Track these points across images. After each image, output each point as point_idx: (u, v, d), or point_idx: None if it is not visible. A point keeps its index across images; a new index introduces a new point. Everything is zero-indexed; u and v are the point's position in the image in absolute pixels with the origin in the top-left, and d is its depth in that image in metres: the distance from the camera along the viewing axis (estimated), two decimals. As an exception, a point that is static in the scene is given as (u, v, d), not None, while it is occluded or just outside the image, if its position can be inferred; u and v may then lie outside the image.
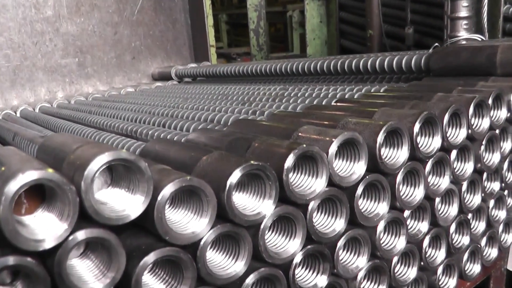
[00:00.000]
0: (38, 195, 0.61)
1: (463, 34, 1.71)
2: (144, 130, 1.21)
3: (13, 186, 0.50)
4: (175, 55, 3.20)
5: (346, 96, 1.38)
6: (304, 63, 1.83)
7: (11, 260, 0.52)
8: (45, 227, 0.55)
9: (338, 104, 1.15)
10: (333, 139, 0.76)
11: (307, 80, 1.90)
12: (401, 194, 0.90)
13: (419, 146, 0.91)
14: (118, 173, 0.63)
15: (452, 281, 1.14)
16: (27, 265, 0.52)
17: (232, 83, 2.22)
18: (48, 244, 0.52)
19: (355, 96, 1.35)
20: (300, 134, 0.83)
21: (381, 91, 1.37)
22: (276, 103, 1.39)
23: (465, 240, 1.12)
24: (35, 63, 2.69)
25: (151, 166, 0.68)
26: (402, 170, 0.88)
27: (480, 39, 1.67)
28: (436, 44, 1.65)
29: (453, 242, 1.09)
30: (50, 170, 0.52)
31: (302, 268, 0.80)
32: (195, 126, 1.18)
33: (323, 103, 1.32)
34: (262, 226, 0.69)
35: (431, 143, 0.93)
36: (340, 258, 0.84)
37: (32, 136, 1.08)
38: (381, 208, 0.86)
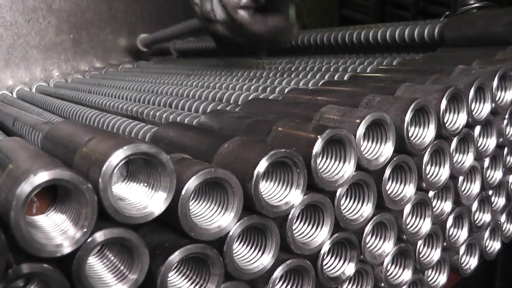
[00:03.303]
0: (49, 191, 0.56)
1: (474, 1, 1.65)
2: (151, 112, 1.15)
3: (25, 189, 0.45)
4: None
5: (358, 70, 1.32)
6: (310, 35, 1.76)
7: (26, 268, 0.47)
8: (60, 229, 0.50)
9: (354, 80, 1.10)
10: (361, 120, 0.71)
11: (312, 53, 1.84)
12: (428, 174, 0.86)
13: (446, 123, 0.86)
14: (135, 165, 0.58)
15: (474, 260, 1.11)
16: (44, 272, 0.48)
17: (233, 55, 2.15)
18: (66, 249, 0.48)
19: (368, 70, 1.29)
20: (323, 115, 0.77)
21: (394, 63, 1.31)
22: (285, 79, 1.33)
23: (487, 217, 1.09)
24: (28, 41, 2.61)
25: (169, 155, 0.63)
26: (428, 149, 0.83)
27: (492, 6, 1.60)
28: (448, 12, 1.59)
29: (475, 220, 1.06)
30: (63, 169, 0.47)
31: (329, 256, 0.76)
32: (204, 106, 1.12)
33: (336, 77, 1.26)
34: (290, 216, 0.65)
35: (457, 120, 0.89)
36: (367, 244, 0.80)
37: (34, 122, 1.02)
38: (408, 190, 0.82)
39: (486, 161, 1.04)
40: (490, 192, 1.11)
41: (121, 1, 2.89)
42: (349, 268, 0.77)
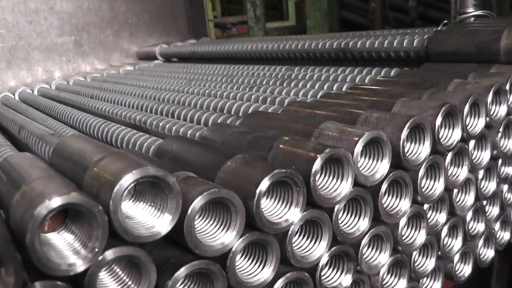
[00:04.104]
0: (60, 210, 0.59)
1: (472, 10, 1.67)
2: (154, 121, 1.18)
3: (41, 212, 0.48)
4: (173, 31, 3.13)
5: (357, 80, 1.35)
6: (310, 45, 1.78)
7: (40, 286, 0.50)
8: (73, 249, 0.53)
9: (352, 92, 1.13)
10: (358, 139, 0.74)
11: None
12: (423, 188, 0.89)
13: (441, 139, 0.89)
14: (143, 186, 0.61)
15: (468, 268, 1.14)
16: (58, 289, 0.51)
17: (232, 61, 2.17)
18: (79, 268, 0.51)
19: (366, 81, 1.32)
20: (322, 132, 0.80)
21: (392, 74, 1.34)
22: (285, 88, 1.36)
23: (481, 226, 1.12)
24: (30, 42, 2.63)
25: (175, 174, 0.66)
26: (424, 164, 0.86)
27: (489, 15, 1.63)
28: (445, 21, 1.62)
29: (469, 229, 1.09)
30: (77, 194, 0.50)
31: (327, 268, 0.79)
32: (206, 116, 1.15)
33: (334, 88, 1.29)
34: (289, 232, 0.68)
35: (452, 135, 0.92)
36: (364, 256, 0.83)
37: (41, 134, 1.05)
38: (404, 204, 0.85)
39: (481, 173, 1.07)
40: (484, 202, 1.14)
41: (122, 3, 2.92)
42: (346, 279, 0.80)
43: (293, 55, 1.85)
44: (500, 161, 1.14)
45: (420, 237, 0.92)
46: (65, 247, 0.54)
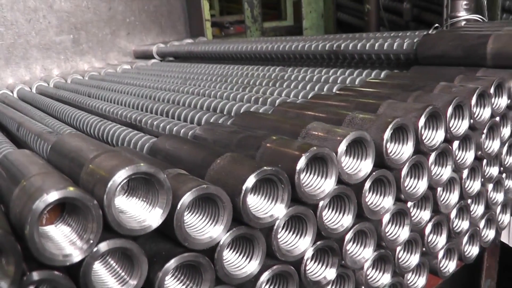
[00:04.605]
0: (58, 204, 0.63)
1: (463, 14, 1.71)
2: (149, 120, 1.21)
3: (39, 206, 0.52)
4: (170, 30, 3.17)
5: (348, 82, 1.38)
6: (303, 46, 1.81)
7: (39, 275, 0.53)
8: (69, 240, 0.57)
9: (341, 93, 1.16)
10: (342, 139, 0.78)
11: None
12: (406, 187, 0.92)
13: (424, 139, 0.92)
14: (135, 182, 0.65)
15: (452, 264, 1.17)
16: (54, 278, 0.54)
17: (228, 61, 2.21)
18: (75, 258, 0.54)
19: (357, 82, 1.36)
20: (309, 131, 0.84)
21: (382, 76, 1.38)
22: (277, 88, 1.40)
23: (465, 224, 1.15)
24: (29, 40, 2.66)
25: (166, 171, 0.70)
26: (407, 164, 0.89)
27: (480, 20, 1.67)
28: (436, 24, 1.65)
29: (454, 227, 1.12)
30: (73, 189, 0.54)
31: (312, 262, 0.83)
32: (199, 116, 1.19)
33: (325, 89, 1.33)
34: (275, 227, 0.71)
35: (435, 136, 0.95)
36: (348, 250, 0.87)
37: (39, 131, 1.09)
38: (387, 201, 0.88)
39: (465, 172, 1.10)
40: (469, 201, 1.17)
41: (120, 2, 2.95)
42: (331, 273, 0.84)
43: (287, 56, 1.88)
44: (484, 161, 1.17)
45: (403, 233, 0.96)
46: (62, 239, 0.57)
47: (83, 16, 2.81)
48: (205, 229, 0.66)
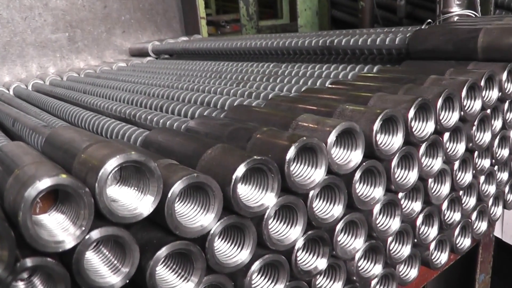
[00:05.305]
0: (51, 193, 0.64)
1: (456, 9, 1.72)
2: (143, 115, 1.22)
3: (32, 193, 0.53)
4: (166, 28, 3.18)
5: (340, 77, 1.40)
6: (296, 42, 1.83)
7: (32, 261, 0.54)
8: (62, 227, 0.58)
9: (333, 87, 1.17)
10: (332, 129, 0.79)
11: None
12: (396, 177, 0.93)
13: (414, 131, 0.94)
14: (127, 170, 0.66)
15: (444, 256, 1.19)
16: (47, 265, 0.55)
17: (222, 58, 2.22)
18: (67, 245, 0.55)
19: (349, 77, 1.37)
20: (299, 123, 0.85)
21: (374, 71, 1.39)
22: (270, 83, 1.41)
23: (457, 216, 1.17)
24: (25, 38, 2.67)
25: (158, 161, 0.71)
26: (397, 155, 0.91)
27: (473, 15, 1.68)
28: (429, 20, 1.66)
29: (445, 218, 1.14)
30: (65, 176, 0.55)
31: (303, 252, 0.84)
32: (193, 110, 1.20)
33: (318, 83, 1.34)
34: (265, 216, 0.72)
35: (425, 128, 0.96)
36: (339, 241, 0.88)
37: (34, 125, 1.10)
38: (377, 192, 0.89)
39: (456, 164, 1.11)
40: (461, 192, 1.19)
41: (115, 0, 2.95)
42: (322, 263, 0.85)
43: (281, 52, 1.89)
44: (476, 153, 1.18)
45: (394, 224, 0.97)
46: (55, 226, 0.58)
47: (78, 14, 2.81)
48: (196, 217, 0.67)
